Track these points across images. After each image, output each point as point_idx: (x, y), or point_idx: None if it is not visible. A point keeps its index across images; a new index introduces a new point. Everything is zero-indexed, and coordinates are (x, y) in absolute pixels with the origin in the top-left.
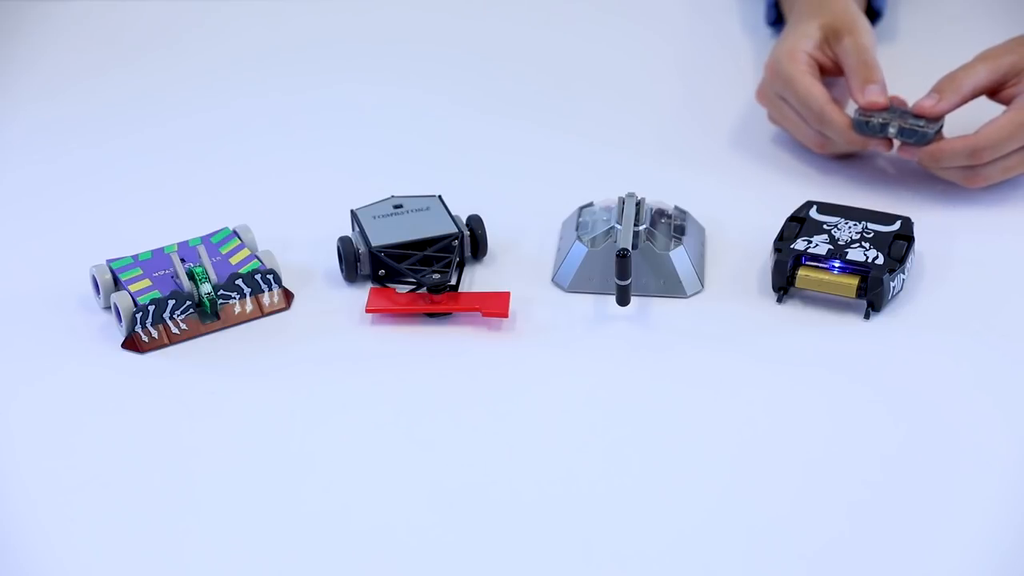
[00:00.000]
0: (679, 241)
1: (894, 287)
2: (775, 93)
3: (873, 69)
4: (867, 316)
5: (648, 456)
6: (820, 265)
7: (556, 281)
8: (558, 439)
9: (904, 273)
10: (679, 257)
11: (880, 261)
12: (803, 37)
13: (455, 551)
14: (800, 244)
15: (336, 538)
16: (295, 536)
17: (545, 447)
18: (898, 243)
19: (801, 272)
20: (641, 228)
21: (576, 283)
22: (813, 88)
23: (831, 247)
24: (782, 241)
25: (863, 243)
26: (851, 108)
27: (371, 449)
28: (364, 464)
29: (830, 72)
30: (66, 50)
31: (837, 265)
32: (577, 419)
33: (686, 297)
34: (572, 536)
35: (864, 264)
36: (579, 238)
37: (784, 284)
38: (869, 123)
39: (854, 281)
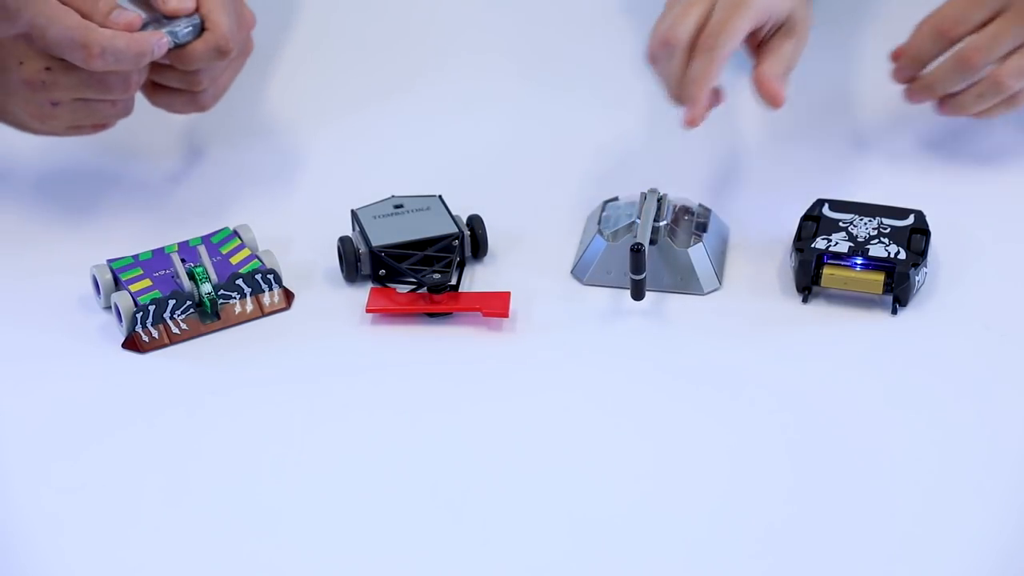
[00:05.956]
0: (699, 238)
1: (918, 281)
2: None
3: None
4: (894, 311)
5: (656, 456)
6: (843, 263)
7: (575, 274)
8: (561, 440)
9: (926, 267)
10: (698, 254)
11: (903, 256)
12: None
13: (456, 551)
14: (820, 243)
15: (336, 538)
16: (295, 536)
17: (548, 448)
18: (916, 237)
19: (826, 271)
20: (661, 224)
21: (594, 276)
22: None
23: (851, 244)
24: (801, 241)
25: (882, 239)
26: None
27: (371, 449)
28: (364, 464)
29: None
30: None
31: (859, 262)
32: (580, 420)
33: (703, 294)
34: (576, 536)
35: (887, 260)
36: (600, 232)
37: (808, 284)
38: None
39: (880, 277)
